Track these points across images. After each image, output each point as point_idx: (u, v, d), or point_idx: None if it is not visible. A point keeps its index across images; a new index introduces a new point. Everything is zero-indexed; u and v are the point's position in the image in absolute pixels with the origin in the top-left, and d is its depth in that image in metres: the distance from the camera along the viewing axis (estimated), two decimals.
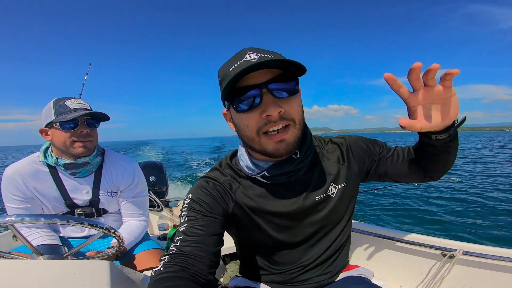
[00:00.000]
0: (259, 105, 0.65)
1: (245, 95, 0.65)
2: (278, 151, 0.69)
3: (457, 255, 1.09)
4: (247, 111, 0.67)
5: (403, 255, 1.28)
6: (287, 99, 0.67)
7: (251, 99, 0.65)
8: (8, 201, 1.20)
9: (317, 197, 0.81)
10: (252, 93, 0.65)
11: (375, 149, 0.89)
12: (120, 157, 1.40)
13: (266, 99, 0.65)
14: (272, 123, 0.66)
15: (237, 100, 0.66)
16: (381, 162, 0.88)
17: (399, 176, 0.89)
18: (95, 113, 1.21)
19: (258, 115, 0.66)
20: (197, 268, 0.65)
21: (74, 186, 1.27)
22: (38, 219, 0.72)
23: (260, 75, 0.64)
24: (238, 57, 0.67)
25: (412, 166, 0.86)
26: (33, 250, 0.86)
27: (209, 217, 0.73)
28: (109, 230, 0.84)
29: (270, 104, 0.64)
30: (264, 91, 0.65)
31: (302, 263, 0.85)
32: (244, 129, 0.70)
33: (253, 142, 0.71)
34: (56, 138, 1.19)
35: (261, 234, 0.82)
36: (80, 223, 0.77)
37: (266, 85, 0.64)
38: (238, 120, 0.71)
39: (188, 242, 0.68)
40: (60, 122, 1.15)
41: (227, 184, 0.81)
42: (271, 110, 0.64)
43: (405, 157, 0.87)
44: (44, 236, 1.20)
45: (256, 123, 0.67)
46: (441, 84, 0.61)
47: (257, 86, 0.64)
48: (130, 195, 1.37)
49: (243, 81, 0.65)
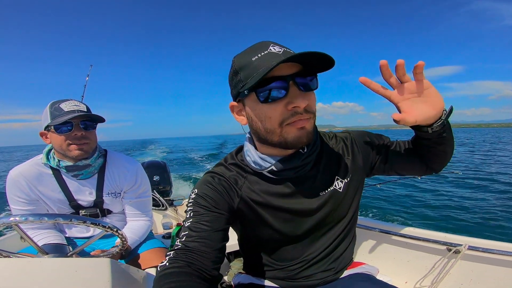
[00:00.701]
0: (284, 96, 0.65)
1: (271, 85, 0.64)
2: (300, 139, 0.69)
3: (463, 250, 1.08)
4: (271, 102, 0.66)
5: (408, 251, 1.27)
6: (309, 94, 0.68)
7: (277, 90, 0.65)
8: (13, 203, 1.22)
9: (323, 192, 0.81)
10: (279, 84, 0.64)
11: (380, 142, 0.89)
12: (123, 158, 1.40)
13: (292, 91, 0.65)
14: (298, 114, 0.66)
15: (262, 90, 0.65)
16: (385, 155, 0.87)
17: (402, 169, 0.89)
18: (88, 115, 1.19)
19: (283, 106, 0.66)
20: (202, 264, 0.66)
21: (78, 188, 1.28)
22: (42, 218, 0.73)
23: (286, 68, 0.65)
24: (260, 48, 0.66)
25: (413, 158, 0.86)
26: (38, 250, 0.87)
27: (215, 212, 0.74)
28: (112, 228, 0.85)
29: (298, 96, 0.65)
30: (290, 83, 0.65)
31: (305, 258, 0.85)
32: (264, 121, 0.69)
33: (272, 134, 0.70)
34: (53, 141, 1.20)
35: (266, 229, 0.82)
36: (83, 222, 0.78)
37: (293, 77, 0.65)
38: (259, 111, 0.69)
39: (194, 237, 0.69)
40: (54, 125, 1.15)
41: (233, 179, 0.81)
42: (299, 102, 0.64)
43: (406, 149, 0.87)
44: (50, 237, 1.21)
45: (280, 115, 0.66)
46: (414, 78, 0.66)
47: (283, 78, 0.64)
48: (133, 195, 1.37)
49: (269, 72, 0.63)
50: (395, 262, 1.31)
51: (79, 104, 1.22)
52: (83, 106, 1.22)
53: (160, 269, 0.63)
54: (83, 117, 1.19)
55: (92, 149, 1.26)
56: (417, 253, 1.24)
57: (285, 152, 0.75)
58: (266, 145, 0.75)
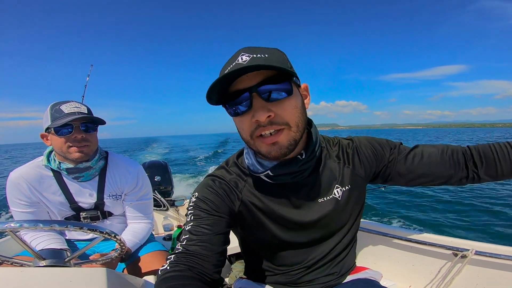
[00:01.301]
0: (249, 109, 0.64)
1: (237, 100, 0.65)
2: (271, 154, 0.68)
3: (469, 255, 1.05)
4: (240, 115, 0.67)
5: (413, 255, 1.25)
6: (279, 102, 0.64)
7: (242, 103, 0.65)
8: (14, 206, 1.21)
9: (321, 199, 0.80)
10: (242, 98, 0.64)
11: (385, 151, 0.84)
12: (124, 160, 1.39)
13: (256, 103, 0.63)
14: (261, 127, 0.64)
15: (230, 104, 0.67)
16: (391, 164, 0.83)
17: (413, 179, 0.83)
18: (89, 117, 1.18)
19: (249, 119, 0.65)
20: (203, 268, 0.66)
21: (79, 190, 1.27)
22: (37, 225, 0.71)
23: (251, 78, 0.63)
24: (233, 59, 0.65)
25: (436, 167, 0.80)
26: (35, 255, 0.85)
27: (215, 216, 0.73)
28: (110, 234, 0.83)
29: (258, 109, 0.63)
30: (253, 94, 0.63)
31: (307, 263, 0.84)
32: (240, 132, 0.71)
33: (249, 144, 0.71)
34: (53, 143, 1.19)
35: (265, 233, 0.81)
36: (79, 228, 0.76)
37: (256, 88, 0.63)
38: (235, 123, 0.71)
39: (194, 241, 0.69)
40: (54, 127, 1.14)
41: (233, 182, 0.80)
42: (258, 115, 0.63)
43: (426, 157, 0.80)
44: (49, 240, 1.20)
45: (248, 127, 0.67)
46: None
47: (247, 90, 0.63)
48: (134, 198, 1.36)
49: (234, 84, 0.64)
50: (399, 266, 1.29)
51: (80, 105, 1.21)
52: (84, 108, 1.21)
53: (161, 273, 0.63)
54: (83, 119, 1.17)
55: (93, 152, 1.24)
56: (422, 257, 1.22)
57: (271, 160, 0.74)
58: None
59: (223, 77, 0.60)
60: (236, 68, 0.59)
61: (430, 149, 0.82)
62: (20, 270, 0.57)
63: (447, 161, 0.79)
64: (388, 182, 0.87)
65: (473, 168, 0.78)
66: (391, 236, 1.30)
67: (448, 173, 0.80)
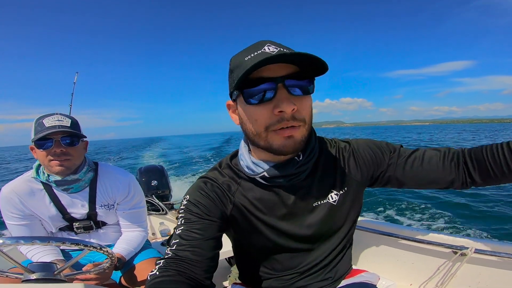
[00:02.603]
0: (271, 99, 0.61)
1: (259, 87, 0.61)
2: (285, 148, 0.64)
3: (469, 254, 1.03)
4: (258, 104, 0.62)
5: (412, 254, 1.23)
6: (300, 98, 0.63)
7: (264, 92, 0.61)
8: (8, 219, 1.21)
9: (316, 203, 0.77)
10: (266, 86, 0.60)
11: (384, 154, 0.81)
12: (115, 170, 1.38)
13: (280, 94, 0.61)
14: (284, 121, 0.61)
15: (249, 92, 0.62)
16: (390, 168, 0.80)
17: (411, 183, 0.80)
18: (67, 131, 1.16)
19: (269, 110, 0.62)
20: (193, 273, 0.64)
21: (70, 201, 1.26)
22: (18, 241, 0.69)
23: (277, 69, 0.60)
24: (255, 48, 0.63)
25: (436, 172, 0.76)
26: (24, 269, 0.84)
27: (206, 220, 0.71)
28: (95, 247, 0.82)
29: (284, 100, 0.60)
30: (279, 85, 0.61)
31: (301, 268, 0.82)
32: (251, 123, 0.66)
33: (258, 138, 0.66)
34: (37, 157, 1.18)
35: (259, 237, 0.79)
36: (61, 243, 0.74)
37: (283, 80, 0.60)
38: (247, 112, 0.66)
39: (184, 246, 0.66)
40: (35, 141, 1.13)
41: (226, 185, 0.78)
42: (284, 106, 0.59)
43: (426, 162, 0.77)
44: (45, 251, 1.20)
45: (266, 119, 0.62)
46: None
47: (273, 80, 0.60)
48: (127, 207, 1.35)
49: (258, 72, 0.60)
50: (398, 264, 1.27)
51: (63, 118, 1.19)
52: (66, 121, 1.19)
53: (150, 278, 0.61)
54: (64, 133, 1.15)
55: (75, 165, 1.22)
56: (421, 256, 1.20)
57: (279, 158, 0.71)
58: (257, 147, 0.71)
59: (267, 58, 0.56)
60: (282, 53, 0.56)
61: (431, 153, 0.78)
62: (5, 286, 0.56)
63: (448, 167, 0.75)
64: (387, 185, 0.83)
65: (468, 173, 0.74)
66: (390, 234, 1.29)
67: (449, 179, 0.76)
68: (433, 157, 0.77)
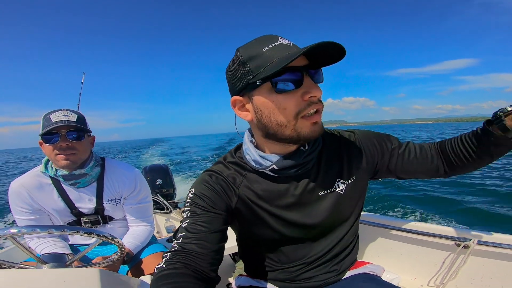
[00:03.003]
0: (300, 87, 0.65)
1: (287, 76, 0.64)
2: (314, 133, 0.69)
3: (472, 245, 1.04)
4: (287, 92, 0.65)
5: (416, 247, 1.23)
6: (319, 86, 0.68)
7: (293, 81, 0.64)
8: (17, 214, 1.24)
9: (322, 192, 0.78)
10: (295, 75, 0.64)
11: (387, 145, 0.85)
12: (121, 165, 1.40)
13: (306, 82, 0.66)
14: (313, 104, 0.66)
15: (277, 80, 0.64)
16: (392, 158, 0.84)
17: (408, 173, 0.86)
18: (72, 125, 1.19)
19: (299, 96, 0.65)
20: (199, 265, 0.65)
21: (78, 196, 1.29)
22: (34, 230, 0.72)
23: (298, 60, 0.64)
24: (269, 40, 0.66)
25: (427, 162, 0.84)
26: (37, 260, 0.87)
27: (212, 212, 0.72)
28: (107, 237, 0.84)
29: (313, 86, 0.65)
30: (304, 74, 0.65)
31: (307, 260, 0.83)
32: (278, 113, 0.66)
33: (284, 128, 0.67)
34: (45, 151, 1.21)
35: (264, 228, 0.80)
36: (76, 232, 0.77)
37: (307, 69, 0.66)
38: (273, 102, 0.66)
39: (190, 239, 0.68)
40: (42, 136, 1.17)
41: (231, 178, 0.79)
42: (315, 91, 0.65)
43: (419, 153, 0.84)
44: (53, 245, 1.22)
45: (296, 105, 0.65)
46: None
47: (298, 69, 0.64)
48: (133, 201, 1.37)
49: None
50: (402, 258, 1.27)
51: (70, 114, 1.22)
52: (73, 116, 1.22)
53: (157, 271, 0.63)
54: (69, 128, 1.18)
55: (81, 160, 1.25)
56: (425, 249, 1.21)
57: (286, 149, 0.73)
58: (272, 140, 0.72)
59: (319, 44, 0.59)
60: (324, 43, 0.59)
61: (420, 145, 0.86)
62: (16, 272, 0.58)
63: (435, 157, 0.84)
64: (388, 176, 0.87)
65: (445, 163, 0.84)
66: (392, 228, 1.29)
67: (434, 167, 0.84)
68: (423, 149, 0.85)
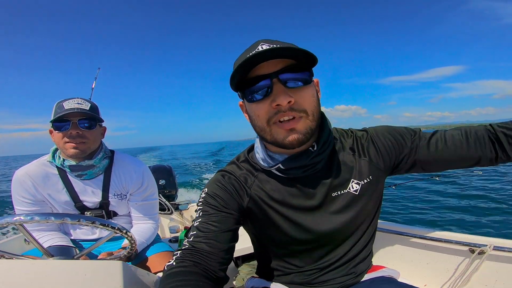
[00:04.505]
0: (269, 94, 0.65)
1: (256, 85, 0.65)
2: (288, 141, 0.67)
3: (488, 251, 1.02)
4: (258, 101, 0.67)
5: (427, 253, 1.21)
6: (298, 89, 0.66)
7: (262, 89, 0.65)
8: (18, 204, 1.20)
9: (335, 193, 0.77)
10: (262, 83, 0.65)
11: (404, 138, 0.80)
12: (130, 160, 1.38)
13: (276, 88, 0.64)
14: (281, 113, 0.65)
15: (249, 90, 0.67)
16: (413, 152, 0.79)
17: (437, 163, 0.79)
18: (84, 113, 1.16)
19: (268, 104, 0.65)
20: (209, 265, 0.65)
21: (84, 188, 1.26)
22: (48, 218, 0.69)
23: (271, 65, 0.64)
24: (251, 48, 0.67)
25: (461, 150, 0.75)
26: (44, 252, 0.83)
27: (224, 212, 0.72)
28: (121, 230, 0.81)
29: (280, 94, 0.64)
30: (274, 80, 0.64)
31: (323, 263, 0.80)
32: (255, 119, 0.70)
33: (264, 133, 0.70)
34: (54, 139, 1.19)
35: (276, 230, 0.79)
36: (91, 223, 0.74)
37: (277, 74, 0.64)
38: (250, 110, 0.71)
39: (201, 238, 0.68)
40: (53, 123, 1.15)
41: (243, 178, 0.79)
42: (280, 99, 0.63)
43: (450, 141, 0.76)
44: (55, 239, 1.19)
45: (266, 113, 0.66)
46: None
47: (268, 76, 0.64)
48: (139, 198, 1.35)
49: (254, 71, 0.65)
50: (413, 264, 1.25)
51: (83, 102, 1.20)
52: (86, 105, 1.20)
53: (167, 268, 0.62)
54: (81, 116, 1.16)
55: (90, 149, 1.22)
56: (436, 254, 1.19)
57: (290, 150, 0.72)
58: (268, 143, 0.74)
59: (250, 57, 0.60)
60: (264, 50, 0.60)
61: (452, 132, 0.78)
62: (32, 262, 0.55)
63: (472, 143, 0.75)
64: (410, 171, 0.83)
65: (499, 147, 0.73)
66: (403, 234, 1.27)
67: (476, 155, 0.75)
68: (455, 136, 0.77)
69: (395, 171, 0.84)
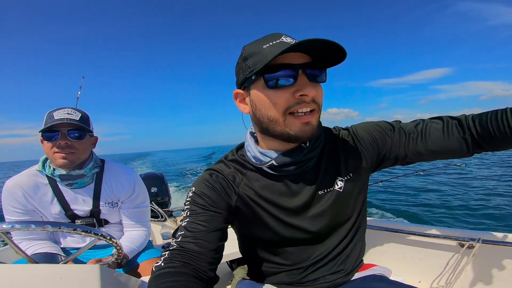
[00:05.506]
0: (293, 84, 0.64)
1: (281, 72, 0.64)
2: (304, 133, 0.67)
3: (476, 245, 1.03)
4: (279, 88, 0.65)
5: (419, 249, 1.22)
6: (317, 85, 0.67)
7: (286, 77, 0.64)
8: (9, 214, 1.18)
9: (322, 191, 0.77)
10: (288, 72, 0.64)
11: (387, 133, 0.80)
12: (120, 168, 1.37)
13: (301, 80, 0.65)
14: (304, 103, 0.65)
15: (270, 75, 0.65)
16: (394, 147, 0.79)
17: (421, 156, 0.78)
18: (73, 124, 1.16)
19: (290, 94, 0.65)
20: (198, 265, 0.63)
21: (74, 197, 1.24)
22: (29, 226, 0.68)
23: (295, 58, 0.64)
24: (272, 38, 0.66)
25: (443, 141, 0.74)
26: (28, 259, 0.82)
27: (211, 211, 0.71)
28: (105, 236, 0.80)
29: (307, 85, 0.64)
30: (300, 72, 0.64)
31: (311, 261, 0.80)
32: (268, 107, 0.67)
33: (274, 123, 0.68)
34: (44, 149, 1.18)
35: (264, 229, 0.78)
36: (73, 230, 0.73)
37: (303, 67, 0.64)
38: (265, 97, 0.67)
39: (189, 238, 0.66)
40: (42, 133, 1.14)
41: (231, 176, 0.78)
42: (308, 90, 0.63)
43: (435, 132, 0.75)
44: (44, 247, 1.16)
45: (286, 102, 0.65)
46: None
47: (293, 66, 0.64)
48: (131, 205, 1.33)
49: (278, 59, 0.63)
50: (406, 261, 1.25)
51: (73, 112, 1.19)
52: (76, 115, 1.19)
53: (155, 269, 0.61)
54: (70, 126, 1.16)
55: (80, 160, 1.21)
56: (428, 251, 1.19)
57: (287, 146, 0.72)
58: (268, 136, 0.72)
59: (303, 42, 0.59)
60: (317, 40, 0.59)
61: (432, 124, 0.77)
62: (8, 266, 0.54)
63: (451, 135, 0.74)
64: (395, 165, 0.83)
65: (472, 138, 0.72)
66: (395, 231, 1.27)
67: (452, 148, 0.74)
68: (435, 128, 0.76)
69: (379, 166, 0.84)
